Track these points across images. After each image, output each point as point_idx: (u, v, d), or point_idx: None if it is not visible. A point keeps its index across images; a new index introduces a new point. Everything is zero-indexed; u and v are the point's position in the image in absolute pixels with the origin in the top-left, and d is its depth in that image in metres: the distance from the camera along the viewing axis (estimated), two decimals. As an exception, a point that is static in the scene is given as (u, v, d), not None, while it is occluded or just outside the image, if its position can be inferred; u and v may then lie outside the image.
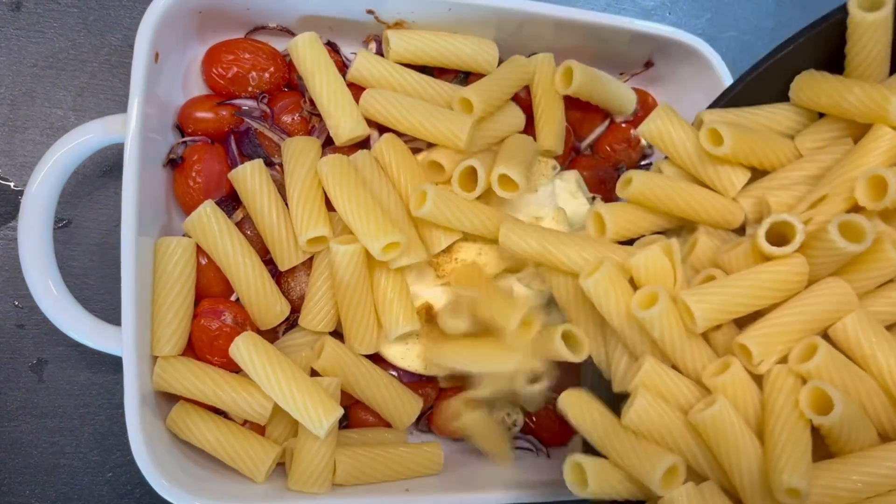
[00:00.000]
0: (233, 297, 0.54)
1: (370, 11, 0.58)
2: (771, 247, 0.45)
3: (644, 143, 0.67)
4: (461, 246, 0.56)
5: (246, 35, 0.59)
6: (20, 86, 0.58)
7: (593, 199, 0.63)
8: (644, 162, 0.68)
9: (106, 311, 0.54)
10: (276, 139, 0.56)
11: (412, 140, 0.57)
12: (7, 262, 0.57)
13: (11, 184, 0.58)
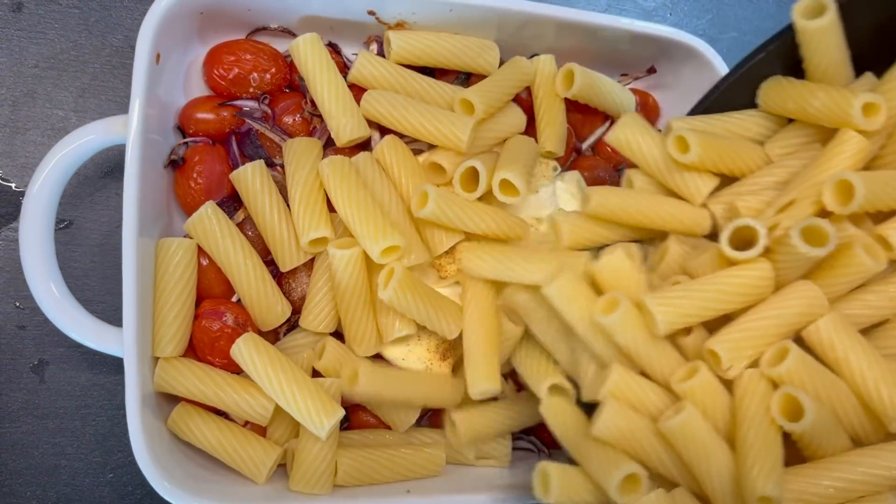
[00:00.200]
0: (234, 298, 0.54)
1: (371, 12, 0.58)
2: (734, 251, 0.45)
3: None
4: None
5: (247, 36, 0.59)
6: (21, 87, 0.58)
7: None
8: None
9: (107, 312, 0.54)
10: (277, 140, 0.56)
11: (413, 141, 0.57)
12: (8, 263, 0.57)
13: (13, 185, 0.58)
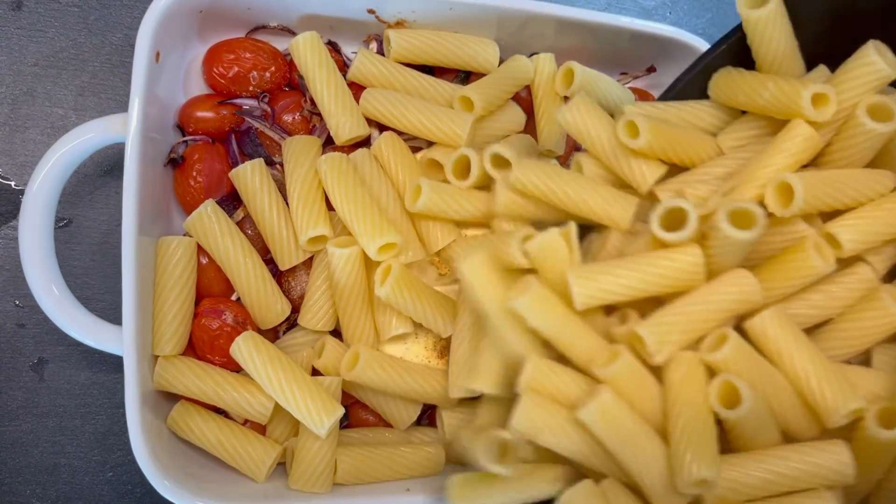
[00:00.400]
0: (233, 297, 0.54)
1: (371, 11, 0.58)
2: (664, 232, 0.43)
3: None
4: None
5: (247, 34, 0.59)
6: (21, 85, 0.58)
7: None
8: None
9: (107, 310, 0.54)
10: (276, 138, 0.56)
11: (412, 139, 0.57)
12: (8, 261, 0.57)
13: (12, 183, 0.58)
